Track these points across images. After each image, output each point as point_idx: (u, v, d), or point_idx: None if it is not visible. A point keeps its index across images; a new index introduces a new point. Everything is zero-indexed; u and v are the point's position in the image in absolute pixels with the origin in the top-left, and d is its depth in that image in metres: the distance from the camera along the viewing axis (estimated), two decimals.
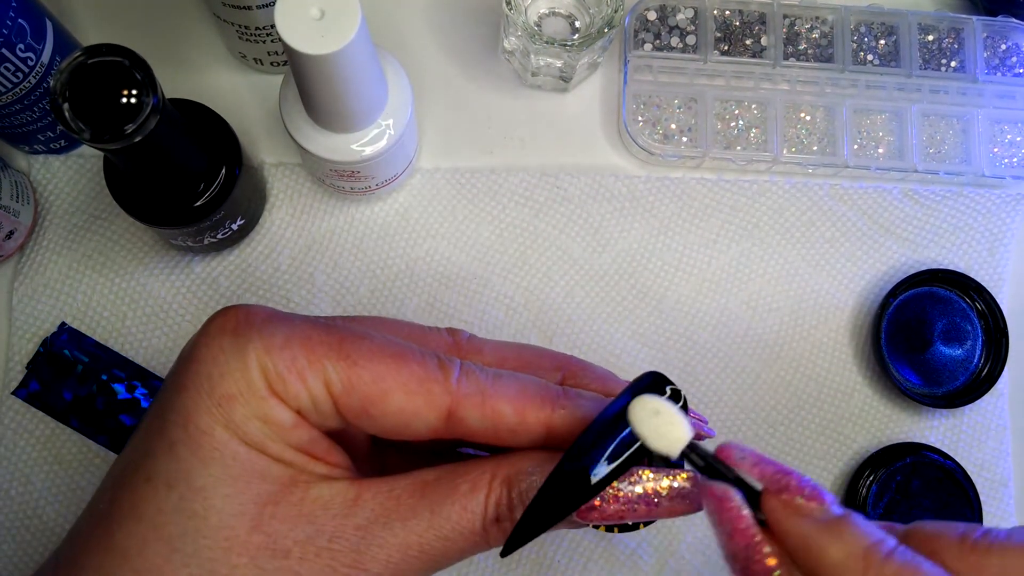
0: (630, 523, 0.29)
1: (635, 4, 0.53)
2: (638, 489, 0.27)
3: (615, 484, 0.27)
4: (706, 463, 0.26)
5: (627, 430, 0.26)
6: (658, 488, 0.28)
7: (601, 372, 0.33)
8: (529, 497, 0.28)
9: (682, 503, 0.28)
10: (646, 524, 0.30)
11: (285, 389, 0.26)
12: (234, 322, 0.27)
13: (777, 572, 0.25)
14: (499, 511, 0.28)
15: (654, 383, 0.28)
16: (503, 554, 0.27)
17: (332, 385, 0.27)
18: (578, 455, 0.26)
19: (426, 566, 0.27)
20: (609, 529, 0.30)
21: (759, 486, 0.26)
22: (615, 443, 0.26)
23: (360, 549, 0.26)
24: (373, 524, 0.27)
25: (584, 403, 0.29)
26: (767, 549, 0.25)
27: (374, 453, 0.34)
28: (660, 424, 0.25)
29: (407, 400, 0.27)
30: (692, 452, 0.26)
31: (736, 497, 0.25)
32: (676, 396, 0.28)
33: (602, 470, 0.26)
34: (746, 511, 0.25)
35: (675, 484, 0.28)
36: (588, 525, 0.28)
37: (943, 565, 0.24)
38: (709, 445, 0.28)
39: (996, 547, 0.24)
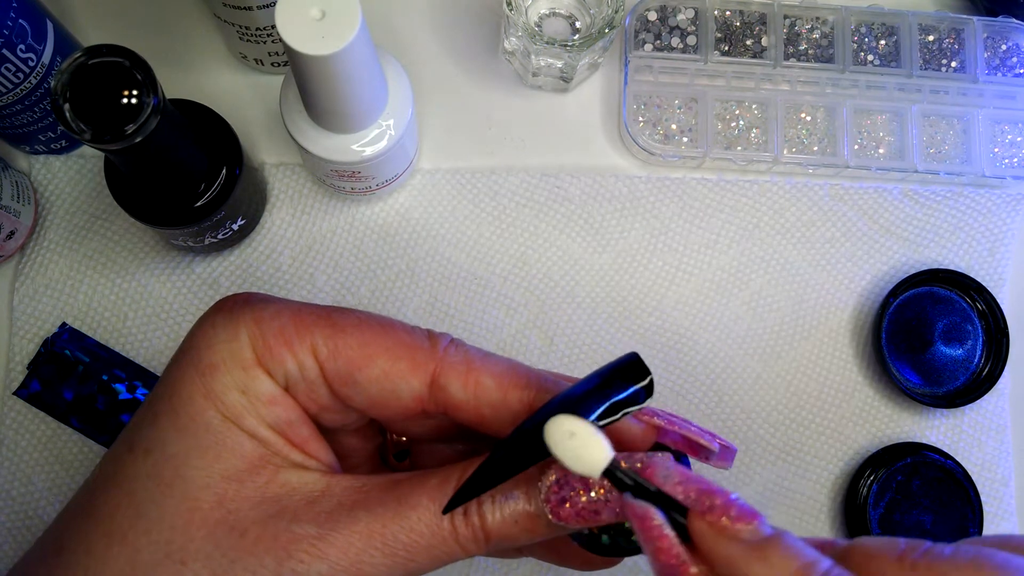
0: (623, 544, 0.28)
1: (635, 4, 0.53)
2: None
3: (587, 479, 0.26)
4: (632, 482, 0.25)
5: (598, 406, 0.25)
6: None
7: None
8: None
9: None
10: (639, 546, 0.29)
11: (272, 357, 0.27)
12: (231, 302, 0.28)
13: None
14: (467, 505, 0.27)
15: (635, 365, 0.27)
16: (445, 510, 0.26)
17: (318, 351, 0.27)
18: (539, 417, 0.25)
19: (391, 563, 0.26)
20: (610, 552, 0.29)
21: (687, 505, 0.24)
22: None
23: (319, 535, 0.26)
24: (337, 511, 0.27)
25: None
26: (693, 570, 0.24)
27: (378, 468, 0.34)
28: (576, 446, 0.24)
29: (392, 364, 0.27)
30: (616, 471, 0.25)
31: (657, 516, 0.24)
32: (650, 389, 0.27)
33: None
34: (668, 531, 0.24)
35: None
36: (566, 529, 0.27)
37: None
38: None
39: (937, 566, 0.22)
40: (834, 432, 0.52)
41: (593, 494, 0.26)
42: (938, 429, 0.52)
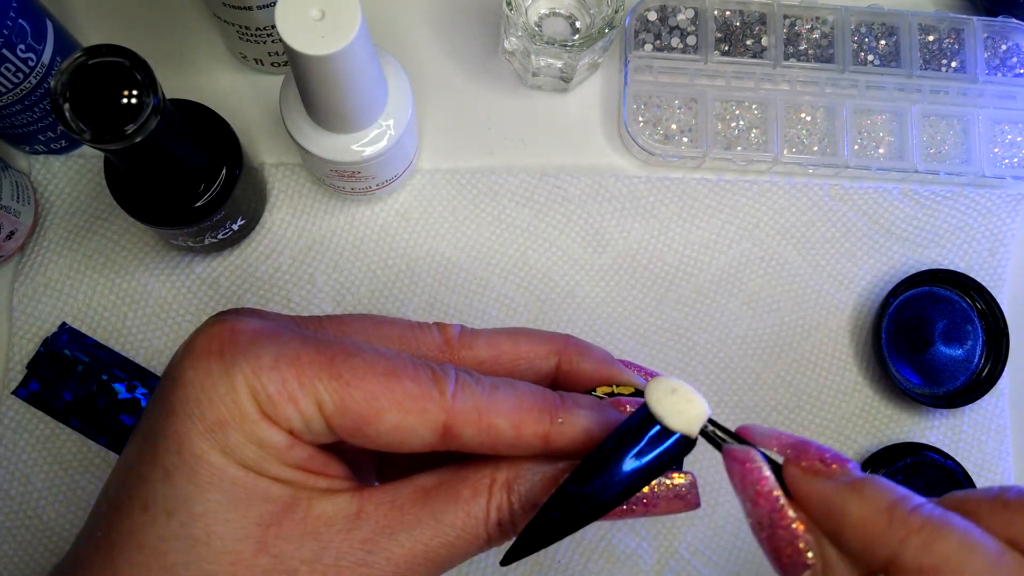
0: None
1: (635, 4, 0.53)
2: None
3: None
4: (727, 436, 0.26)
5: (628, 462, 0.26)
6: (655, 488, 0.27)
7: (599, 355, 0.33)
8: (528, 501, 0.27)
9: (679, 503, 0.28)
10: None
11: (276, 412, 0.26)
12: (219, 342, 0.26)
13: (803, 538, 0.24)
14: (500, 515, 0.27)
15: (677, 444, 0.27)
16: (503, 563, 0.27)
17: (324, 406, 0.26)
18: (583, 477, 0.26)
19: (432, 571, 0.27)
20: None
21: (780, 459, 0.25)
22: (620, 472, 0.25)
23: (367, 562, 0.26)
24: (378, 536, 0.27)
25: (582, 414, 0.28)
26: (792, 513, 0.24)
27: (372, 456, 0.34)
28: (677, 401, 0.25)
29: (401, 418, 0.27)
30: (711, 427, 0.25)
31: (757, 458, 0.25)
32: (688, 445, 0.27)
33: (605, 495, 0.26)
34: (768, 472, 0.25)
35: (672, 484, 0.28)
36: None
37: (975, 522, 0.23)
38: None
39: None
40: (834, 432, 0.52)
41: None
42: (938, 429, 0.52)
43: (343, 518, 0.27)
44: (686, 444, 0.25)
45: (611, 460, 0.25)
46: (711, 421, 0.25)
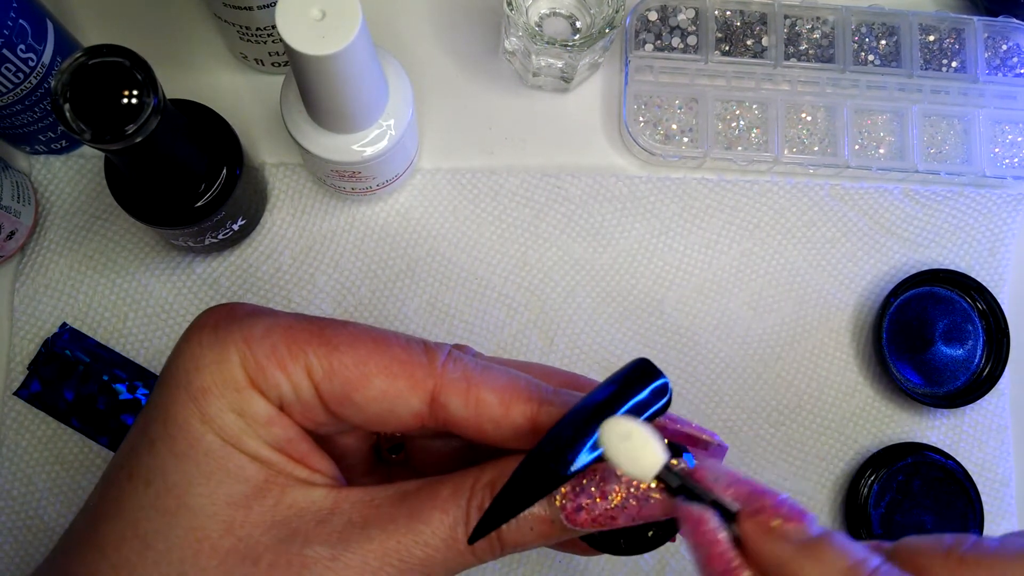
0: (644, 536, 0.28)
1: (636, 4, 0.53)
2: (622, 488, 0.26)
3: (601, 483, 0.26)
4: (682, 485, 0.25)
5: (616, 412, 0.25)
6: (634, 492, 0.27)
7: None
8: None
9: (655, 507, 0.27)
10: (653, 542, 0.29)
11: (265, 378, 0.26)
12: (216, 317, 0.27)
13: None
14: (482, 514, 0.26)
15: (644, 371, 0.27)
16: (470, 540, 0.26)
17: (313, 371, 0.26)
18: (556, 440, 0.25)
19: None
20: (619, 551, 0.29)
21: (736, 507, 0.25)
22: (595, 436, 0.25)
23: (335, 556, 0.26)
24: (349, 530, 0.26)
25: (571, 401, 0.28)
26: (746, 574, 0.24)
27: (376, 470, 0.33)
28: (632, 448, 0.24)
29: (389, 383, 0.27)
30: (667, 473, 0.25)
31: (712, 520, 0.24)
32: (663, 391, 0.27)
33: (581, 458, 0.25)
34: (722, 534, 0.24)
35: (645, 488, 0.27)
36: (580, 532, 0.27)
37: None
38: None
39: (986, 559, 0.23)
40: (835, 432, 0.52)
41: (611, 500, 0.26)
42: (939, 429, 0.52)
43: (316, 511, 0.26)
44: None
45: (583, 424, 0.25)
46: (666, 467, 0.24)
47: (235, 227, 0.46)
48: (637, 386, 0.26)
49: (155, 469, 0.26)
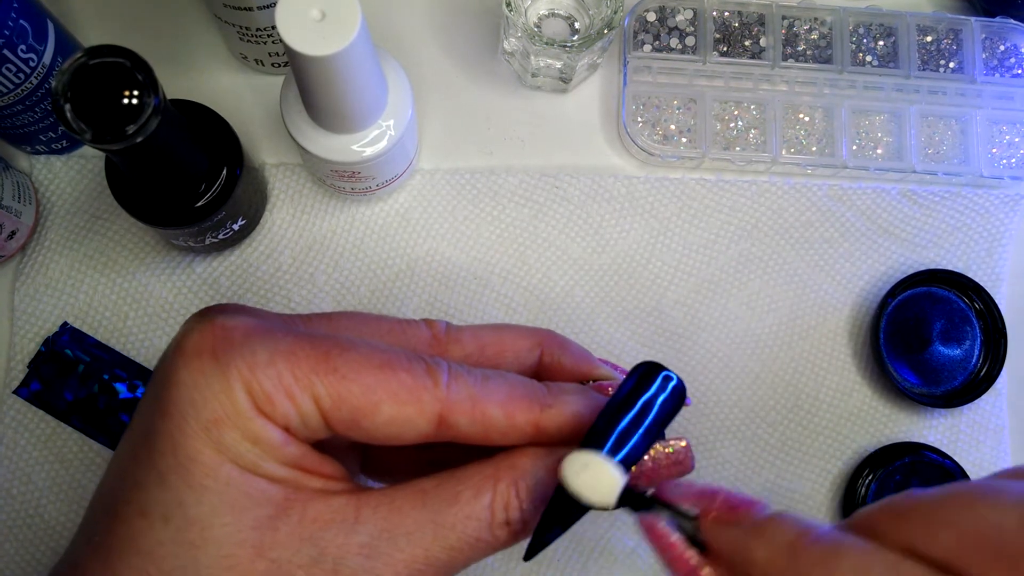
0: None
1: (634, 5, 0.53)
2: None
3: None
4: (645, 503, 0.26)
5: (629, 416, 0.27)
6: (654, 455, 0.29)
7: (577, 351, 0.34)
8: (536, 495, 0.27)
9: (676, 468, 0.29)
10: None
11: (272, 409, 0.26)
12: (211, 341, 0.26)
13: None
14: (509, 514, 0.27)
15: (649, 371, 0.28)
16: (525, 558, 0.27)
17: (321, 400, 0.26)
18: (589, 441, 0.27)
19: (437, 574, 0.27)
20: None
21: (695, 511, 0.26)
22: (617, 434, 0.26)
23: (366, 568, 0.26)
24: (377, 541, 0.26)
25: (570, 399, 0.29)
26: (706, 570, 0.25)
27: (356, 448, 0.34)
28: (590, 477, 0.25)
29: (398, 410, 0.27)
30: (630, 494, 0.26)
31: (662, 523, 0.25)
32: (667, 381, 0.28)
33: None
34: (676, 537, 0.25)
35: (668, 451, 0.29)
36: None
37: (873, 537, 0.23)
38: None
39: (920, 507, 0.23)
40: (832, 432, 0.52)
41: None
42: (936, 429, 0.53)
43: (340, 521, 0.27)
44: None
45: (616, 425, 0.27)
46: (627, 489, 0.26)
47: (235, 227, 0.46)
48: (640, 390, 0.28)
49: (171, 504, 0.25)
